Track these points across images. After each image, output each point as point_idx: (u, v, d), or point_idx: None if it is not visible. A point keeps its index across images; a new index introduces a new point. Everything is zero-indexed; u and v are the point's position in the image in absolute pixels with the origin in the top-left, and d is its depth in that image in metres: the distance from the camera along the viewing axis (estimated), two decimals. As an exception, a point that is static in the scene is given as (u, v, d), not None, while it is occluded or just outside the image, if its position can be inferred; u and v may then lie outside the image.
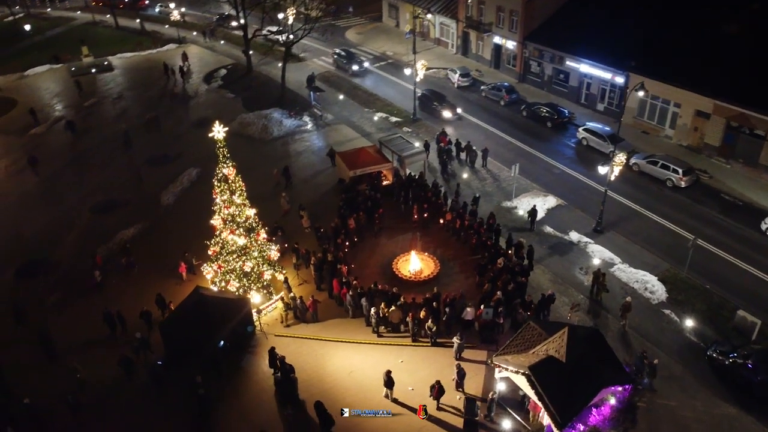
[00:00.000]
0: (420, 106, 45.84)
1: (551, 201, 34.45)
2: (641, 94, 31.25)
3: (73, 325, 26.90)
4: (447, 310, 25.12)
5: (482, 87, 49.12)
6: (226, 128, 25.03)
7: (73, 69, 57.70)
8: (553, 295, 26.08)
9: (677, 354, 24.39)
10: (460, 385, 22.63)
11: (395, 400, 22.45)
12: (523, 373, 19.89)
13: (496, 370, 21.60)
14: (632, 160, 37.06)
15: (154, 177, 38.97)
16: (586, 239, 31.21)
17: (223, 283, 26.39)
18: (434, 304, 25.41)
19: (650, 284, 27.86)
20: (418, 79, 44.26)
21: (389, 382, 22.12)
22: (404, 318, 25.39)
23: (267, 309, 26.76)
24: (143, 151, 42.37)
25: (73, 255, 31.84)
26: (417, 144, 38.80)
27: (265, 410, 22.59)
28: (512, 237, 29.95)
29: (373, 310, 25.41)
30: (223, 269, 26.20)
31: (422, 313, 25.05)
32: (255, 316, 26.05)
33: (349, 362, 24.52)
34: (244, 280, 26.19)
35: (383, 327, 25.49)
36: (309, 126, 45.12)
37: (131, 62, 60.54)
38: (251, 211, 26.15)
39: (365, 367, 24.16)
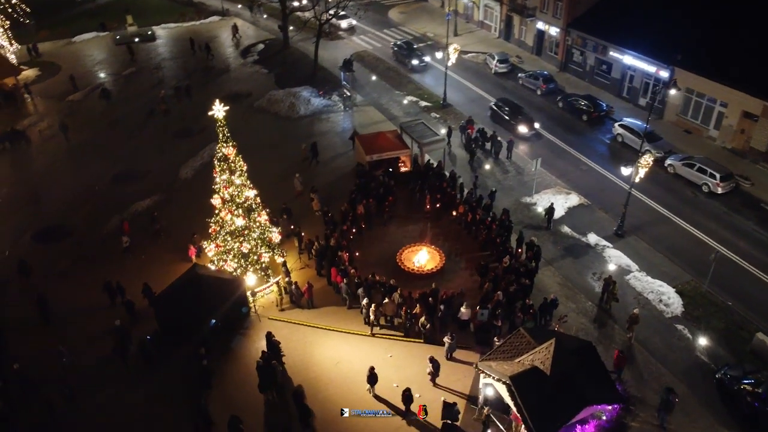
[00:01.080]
0: (491, 117, 41.23)
1: (573, 199, 32.78)
2: (673, 92, 29.11)
3: (76, 292, 27.44)
4: (442, 307, 24.28)
5: (519, 74, 47.16)
6: (226, 107, 24.60)
7: (117, 38, 58.73)
8: (556, 300, 24.82)
9: (683, 374, 22.82)
10: (435, 377, 22.19)
11: (377, 397, 21.92)
12: (504, 382, 18.98)
13: (481, 375, 20.70)
14: (667, 161, 34.88)
15: (178, 149, 39.26)
16: (604, 243, 29.56)
17: (221, 263, 26.32)
18: (430, 300, 24.60)
19: (666, 296, 26.15)
20: (449, 63, 42.82)
21: (372, 378, 21.55)
22: (398, 311, 24.75)
23: (263, 292, 26.54)
24: (171, 122, 42.75)
25: (88, 223, 32.47)
26: (443, 131, 37.79)
27: (247, 393, 22.43)
28: (523, 235, 28.65)
29: (365, 300, 24.88)
30: (221, 248, 26.12)
31: (417, 309, 24.32)
32: (250, 298, 25.92)
33: (338, 352, 24.11)
34: (242, 260, 26.04)
35: (373, 318, 24.78)
36: (337, 106, 44.50)
37: (174, 33, 61.11)
38: (251, 192, 25.85)
39: (353, 359, 23.70)
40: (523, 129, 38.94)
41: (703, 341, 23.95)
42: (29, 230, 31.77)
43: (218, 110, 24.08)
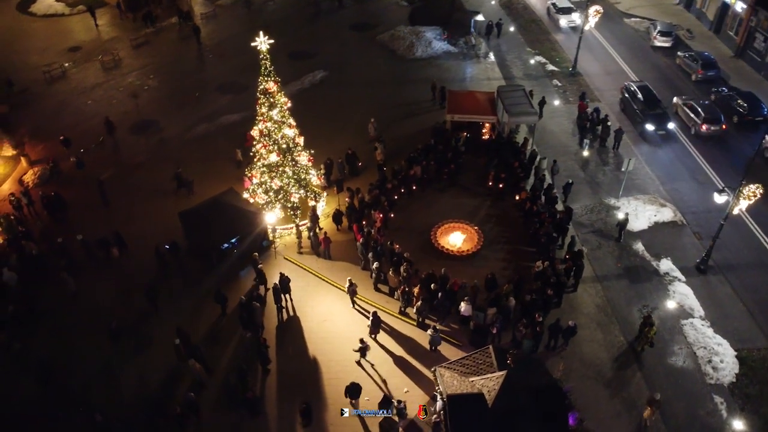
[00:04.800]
0: None
1: (666, 214, 27.74)
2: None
3: (146, 183, 30.00)
4: (439, 295, 22.44)
5: (679, 53, 39.97)
6: (273, 42, 23.99)
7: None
8: (574, 327, 21.49)
9: (690, 456, 18.94)
10: (374, 332, 21.77)
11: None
12: (442, 398, 17.28)
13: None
14: (812, 195, 27.78)
15: (286, 70, 39.64)
16: (677, 274, 24.82)
17: (254, 194, 26.70)
18: (432, 285, 22.82)
19: (719, 358, 21.48)
20: (588, 27, 37.45)
21: (353, 391, 19.64)
22: (400, 286, 23.42)
23: (285, 231, 26.60)
24: (292, 42, 43.28)
25: (178, 125, 34.67)
26: (555, 102, 33.81)
27: (229, 323, 23.10)
28: (575, 241, 25.05)
29: (375, 265, 23.88)
30: (256, 179, 26.41)
31: (416, 290, 22.77)
32: (271, 234, 26.20)
33: (329, 310, 23.63)
34: (272, 196, 26.16)
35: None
36: (456, 53, 41.71)
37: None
38: (290, 131, 25.42)
39: (340, 321, 23.12)
40: None
41: (738, 425, 19.46)
42: (127, 121, 34.80)
43: (261, 42, 23.51)
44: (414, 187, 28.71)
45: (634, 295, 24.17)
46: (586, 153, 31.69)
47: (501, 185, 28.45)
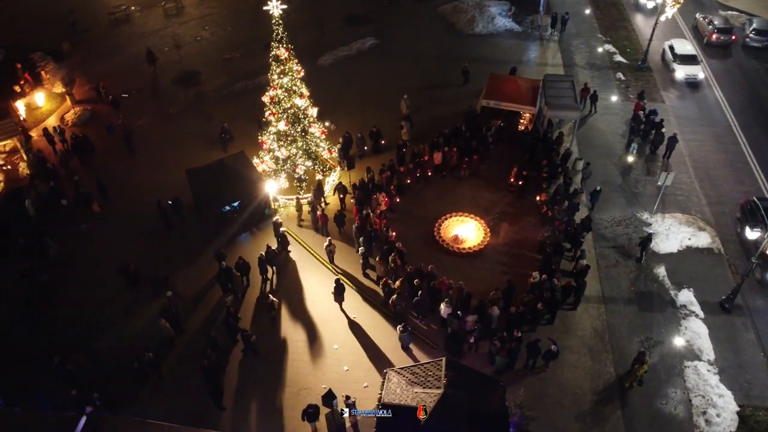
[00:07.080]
0: None
1: (703, 239, 24.84)
2: None
3: (174, 132, 30.72)
4: (420, 293, 21.33)
5: (772, 56, 35.42)
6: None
7: None
8: (555, 352, 19.79)
9: None
10: (338, 298, 21.81)
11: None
12: (378, 404, 16.46)
13: (390, 384, 18.14)
14: None
15: (338, 34, 38.79)
16: (695, 309, 22.25)
17: (262, 159, 26.37)
18: (416, 281, 21.71)
19: (717, 411, 19.17)
20: (663, 18, 33.56)
21: (312, 415, 18.72)
22: (383, 276, 22.54)
23: (288, 201, 26.18)
24: (348, 7, 42.09)
25: (217, 80, 34.79)
26: (614, 98, 30.98)
27: (215, 290, 23.23)
28: (585, 255, 22.94)
29: (361, 250, 23.12)
30: (266, 145, 26.01)
31: (397, 284, 21.79)
32: (273, 203, 25.89)
33: (312, 289, 23.25)
34: (278, 164, 25.72)
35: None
36: (519, 33, 39.02)
37: None
38: (301, 101, 24.64)
39: (320, 300, 22.68)
40: None
41: (717, 491, 17.43)
42: (170, 71, 35.32)
43: (274, 7, 22.63)
44: (430, 173, 27.35)
45: (640, 324, 21.95)
46: (631, 158, 28.86)
47: (521, 182, 26.50)
